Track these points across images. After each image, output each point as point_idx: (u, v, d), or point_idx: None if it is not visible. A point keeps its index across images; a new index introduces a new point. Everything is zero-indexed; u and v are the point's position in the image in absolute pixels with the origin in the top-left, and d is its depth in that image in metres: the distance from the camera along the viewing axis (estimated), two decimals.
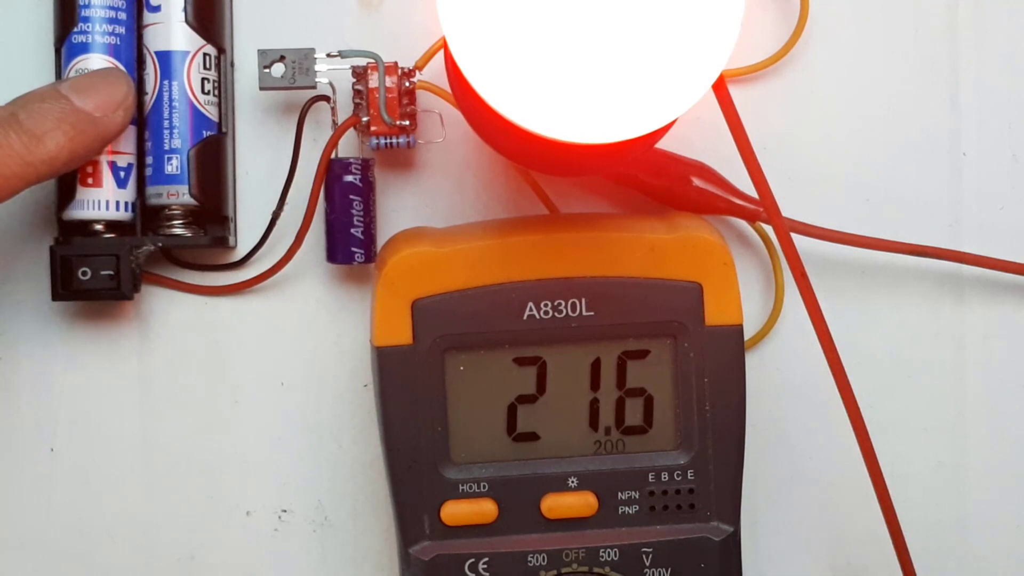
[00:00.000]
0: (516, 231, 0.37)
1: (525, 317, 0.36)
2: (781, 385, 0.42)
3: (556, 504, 0.36)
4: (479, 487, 0.36)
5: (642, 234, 0.36)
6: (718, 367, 0.36)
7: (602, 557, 0.36)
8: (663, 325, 0.36)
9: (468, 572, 0.36)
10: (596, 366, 0.37)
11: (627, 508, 0.37)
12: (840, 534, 0.42)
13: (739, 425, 0.36)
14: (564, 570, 0.36)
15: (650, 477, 0.37)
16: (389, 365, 0.36)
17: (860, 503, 0.38)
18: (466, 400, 0.36)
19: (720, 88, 0.31)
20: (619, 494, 0.37)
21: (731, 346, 0.36)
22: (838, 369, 0.35)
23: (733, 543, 0.37)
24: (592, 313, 0.36)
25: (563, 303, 0.36)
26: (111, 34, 0.39)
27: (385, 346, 0.36)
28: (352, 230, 0.39)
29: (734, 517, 0.37)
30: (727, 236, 0.38)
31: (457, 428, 0.36)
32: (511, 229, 0.37)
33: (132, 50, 0.39)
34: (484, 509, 0.36)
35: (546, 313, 0.36)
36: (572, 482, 0.37)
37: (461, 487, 0.36)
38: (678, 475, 0.37)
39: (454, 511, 0.36)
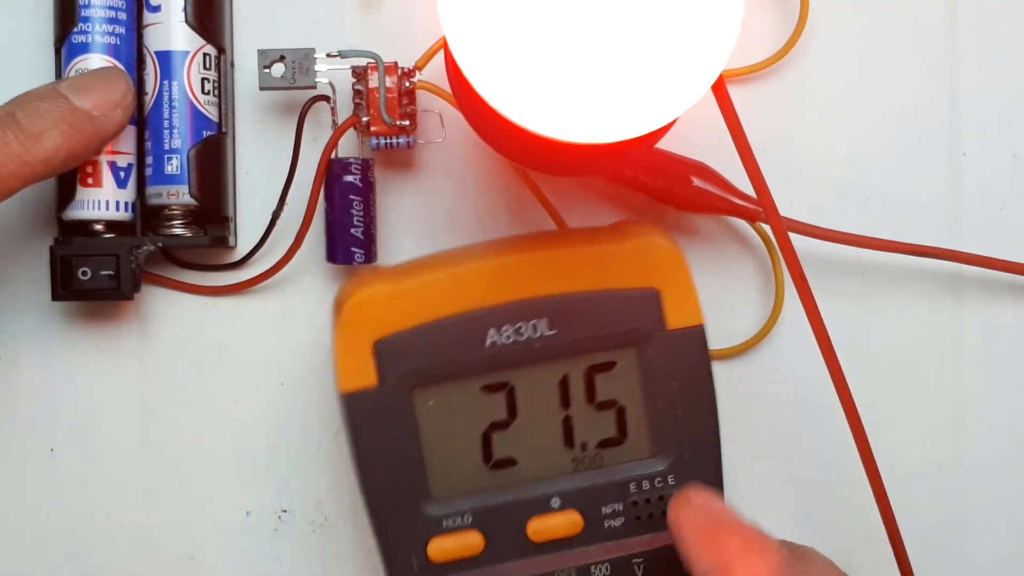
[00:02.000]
0: (467, 259, 0.36)
1: (488, 344, 0.35)
2: (781, 385, 0.42)
3: (541, 527, 0.36)
4: (462, 519, 0.36)
5: (594, 246, 0.36)
6: (684, 369, 0.36)
7: (594, 573, 0.36)
8: (625, 335, 0.36)
9: None
10: (564, 383, 0.36)
11: (613, 521, 0.36)
12: (840, 535, 0.42)
13: (712, 424, 0.36)
14: None
15: (631, 487, 0.36)
16: (358, 409, 0.35)
17: (860, 503, 0.38)
18: (440, 434, 0.36)
19: (720, 88, 0.31)
20: (603, 508, 0.36)
21: (695, 347, 0.36)
22: (836, 369, 0.35)
23: None
24: (554, 331, 0.36)
25: (524, 325, 0.35)
26: (111, 34, 0.39)
27: (352, 391, 0.35)
28: (352, 230, 0.39)
29: None
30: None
31: (434, 463, 0.36)
32: (462, 258, 0.37)
33: (132, 50, 0.39)
34: (470, 541, 0.36)
35: (508, 337, 0.35)
36: (555, 502, 0.36)
37: (445, 522, 0.36)
38: (659, 482, 0.36)
39: (440, 547, 0.36)
